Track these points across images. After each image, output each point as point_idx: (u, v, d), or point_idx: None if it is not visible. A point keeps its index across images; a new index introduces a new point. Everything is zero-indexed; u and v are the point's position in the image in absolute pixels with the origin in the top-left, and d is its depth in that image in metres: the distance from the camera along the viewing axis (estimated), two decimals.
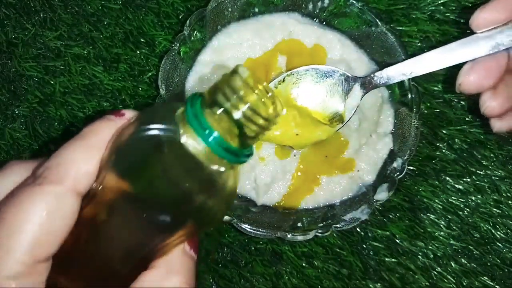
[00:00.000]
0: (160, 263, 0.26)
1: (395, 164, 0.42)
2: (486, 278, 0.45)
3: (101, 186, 0.25)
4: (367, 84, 0.36)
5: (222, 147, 0.24)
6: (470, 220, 0.46)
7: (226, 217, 0.39)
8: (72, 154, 0.25)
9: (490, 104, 0.34)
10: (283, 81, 0.42)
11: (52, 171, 0.25)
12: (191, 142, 0.24)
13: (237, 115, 0.24)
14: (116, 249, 0.27)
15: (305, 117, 0.41)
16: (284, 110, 0.26)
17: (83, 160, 0.25)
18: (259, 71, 0.44)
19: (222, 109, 0.24)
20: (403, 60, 0.38)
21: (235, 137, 0.24)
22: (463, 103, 0.47)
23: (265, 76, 0.44)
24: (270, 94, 0.25)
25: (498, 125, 0.36)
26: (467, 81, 0.33)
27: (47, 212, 0.24)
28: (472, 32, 0.33)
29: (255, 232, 0.40)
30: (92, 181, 0.25)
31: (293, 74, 0.41)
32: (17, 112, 0.48)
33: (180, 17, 0.48)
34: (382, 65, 0.43)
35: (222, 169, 0.25)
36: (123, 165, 0.25)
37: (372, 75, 0.36)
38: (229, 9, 0.43)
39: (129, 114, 0.27)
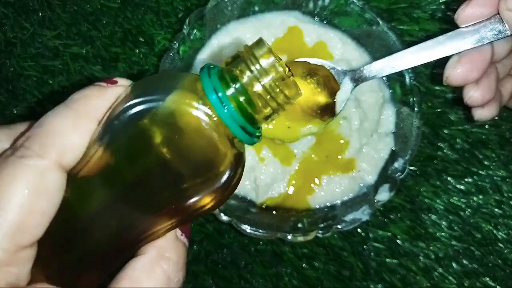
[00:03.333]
0: (150, 249, 0.24)
1: (396, 164, 0.42)
2: (487, 279, 0.45)
3: (92, 162, 0.23)
4: (357, 78, 0.36)
5: (237, 122, 0.22)
6: (471, 221, 0.46)
7: (226, 218, 0.39)
8: (58, 123, 0.23)
9: (472, 95, 0.35)
10: None
11: (35, 142, 0.22)
12: (205, 116, 0.22)
13: (258, 87, 0.22)
14: (106, 233, 0.24)
15: (296, 111, 0.40)
16: (302, 91, 0.24)
17: (70, 130, 0.22)
18: None
19: (243, 79, 0.22)
20: None
21: (248, 115, 0.23)
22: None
23: None
24: (290, 71, 0.23)
25: (478, 113, 0.37)
26: (454, 74, 0.34)
27: (29, 190, 0.21)
28: (458, 27, 0.34)
29: (255, 233, 0.39)
30: (79, 155, 0.22)
31: None
32: (15, 112, 0.47)
33: (179, 16, 0.48)
34: None
35: (231, 150, 0.23)
36: (128, 141, 0.23)
37: (361, 69, 0.36)
38: (229, 8, 0.43)
39: (122, 82, 0.25)
